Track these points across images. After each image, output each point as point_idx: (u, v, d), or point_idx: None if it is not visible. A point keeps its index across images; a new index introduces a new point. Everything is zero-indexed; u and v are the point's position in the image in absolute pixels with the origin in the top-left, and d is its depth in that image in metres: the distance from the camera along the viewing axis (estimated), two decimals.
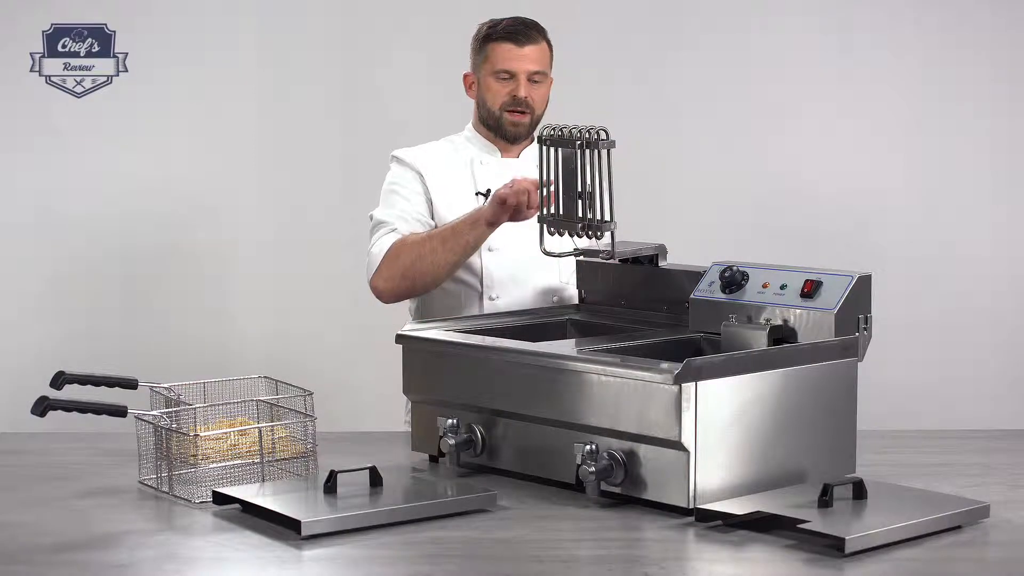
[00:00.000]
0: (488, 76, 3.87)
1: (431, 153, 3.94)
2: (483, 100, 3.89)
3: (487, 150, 3.93)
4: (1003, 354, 5.40)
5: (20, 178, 5.35)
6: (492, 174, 3.88)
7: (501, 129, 3.89)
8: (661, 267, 3.52)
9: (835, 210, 5.37)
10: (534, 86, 3.86)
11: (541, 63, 3.87)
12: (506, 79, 3.85)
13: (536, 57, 3.86)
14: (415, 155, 3.92)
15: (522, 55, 3.84)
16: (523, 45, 3.84)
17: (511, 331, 3.51)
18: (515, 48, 3.84)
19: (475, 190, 3.87)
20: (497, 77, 3.86)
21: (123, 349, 5.30)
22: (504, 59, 3.85)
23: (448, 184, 3.87)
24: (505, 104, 3.85)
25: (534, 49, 3.85)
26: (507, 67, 3.85)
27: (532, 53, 3.85)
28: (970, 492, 3.01)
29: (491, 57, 3.86)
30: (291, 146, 5.40)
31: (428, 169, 3.88)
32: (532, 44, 3.85)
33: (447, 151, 3.94)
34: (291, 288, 5.40)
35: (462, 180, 3.89)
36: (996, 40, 5.38)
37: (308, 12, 5.39)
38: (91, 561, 2.68)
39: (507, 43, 3.85)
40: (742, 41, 5.38)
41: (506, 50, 3.85)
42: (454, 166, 3.91)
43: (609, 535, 2.82)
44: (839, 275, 3.19)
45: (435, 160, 3.91)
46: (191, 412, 3.14)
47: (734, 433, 2.93)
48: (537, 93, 3.87)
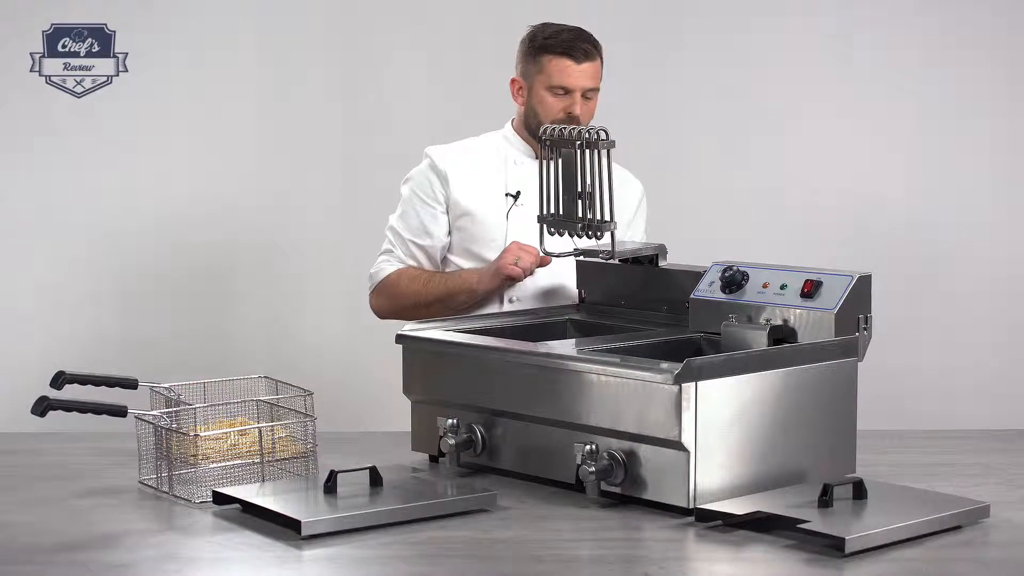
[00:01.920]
0: (542, 89, 3.80)
1: (465, 152, 3.91)
2: (534, 111, 3.83)
3: (524, 151, 3.90)
4: (1003, 354, 5.40)
5: (20, 178, 5.35)
6: (526, 175, 3.85)
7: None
8: (661, 267, 3.52)
9: (835, 210, 5.37)
10: (586, 102, 3.81)
11: (596, 79, 3.81)
12: (561, 95, 3.79)
13: (592, 73, 3.80)
14: (445, 154, 3.90)
15: (580, 72, 3.78)
16: (581, 62, 3.78)
17: (511, 331, 3.51)
18: (573, 64, 3.77)
19: (505, 191, 3.86)
20: (553, 92, 3.79)
21: (123, 349, 5.30)
22: (562, 75, 3.78)
23: (478, 183, 3.86)
24: (558, 120, 3.77)
25: (591, 66, 3.79)
26: (564, 83, 3.78)
27: (589, 69, 3.79)
28: (970, 492, 3.01)
29: (547, 69, 3.79)
30: (291, 146, 5.40)
31: (456, 169, 3.87)
32: (589, 61, 3.79)
33: (483, 150, 3.91)
34: (291, 288, 5.40)
35: (494, 179, 3.87)
36: (996, 40, 5.38)
37: (308, 12, 5.39)
38: (91, 561, 2.68)
39: (566, 59, 3.77)
40: (742, 41, 5.38)
41: (565, 66, 3.78)
42: (487, 165, 3.89)
43: (609, 535, 2.82)
44: (839, 275, 3.19)
45: (467, 159, 3.89)
46: (191, 412, 3.14)
47: (734, 433, 2.93)
48: (588, 108, 3.81)
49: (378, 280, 3.90)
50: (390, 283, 3.88)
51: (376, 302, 3.93)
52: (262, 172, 5.40)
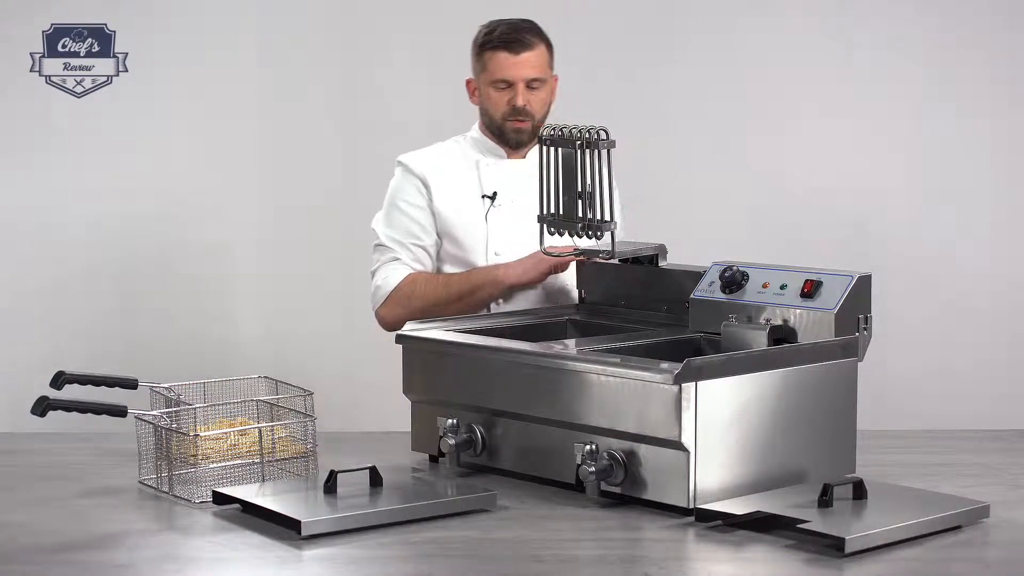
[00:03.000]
0: (487, 86, 3.84)
1: (438, 156, 3.92)
2: (485, 109, 3.87)
3: (494, 152, 3.91)
4: (1003, 354, 5.40)
5: (20, 178, 5.35)
6: (498, 176, 3.88)
7: (504, 136, 3.87)
8: (661, 267, 3.52)
9: (835, 210, 5.37)
10: (533, 92, 3.82)
11: (539, 68, 3.82)
12: (504, 88, 3.82)
13: (534, 63, 3.81)
14: (420, 160, 3.90)
15: (518, 63, 3.80)
16: (519, 52, 3.80)
17: (511, 331, 3.51)
18: (511, 57, 3.80)
19: (481, 193, 3.87)
20: (496, 87, 3.83)
21: (123, 349, 5.30)
22: (500, 68, 3.81)
23: (455, 187, 3.87)
24: (505, 113, 3.83)
25: (531, 55, 3.81)
26: (504, 76, 3.81)
27: (529, 59, 3.81)
28: (970, 492, 3.01)
29: (488, 66, 3.83)
30: (291, 146, 5.40)
31: (433, 174, 3.88)
32: (528, 50, 3.81)
33: (454, 153, 3.93)
34: (291, 288, 5.40)
35: (469, 182, 3.88)
36: (996, 40, 5.38)
37: (308, 12, 5.39)
38: (91, 561, 2.68)
39: (503, 52, 3.80)
40: (742, 41, 5.38)
41: (502, 59, 3.81)
42: (461, 168, 3.90)
43: (609, 535, 2.82)
44: (839, 275, 3.19)
45: (441, 164, 3.90)
46: (191, 412, 3.14)
47: (734, 433, 2.93)
48: (536, 98, 3.83)
49: (389, 290, 3.82)
50: (404, 290, 3.80)
51: (388, 312, 3.82)
52: (262, 172, 5.40)
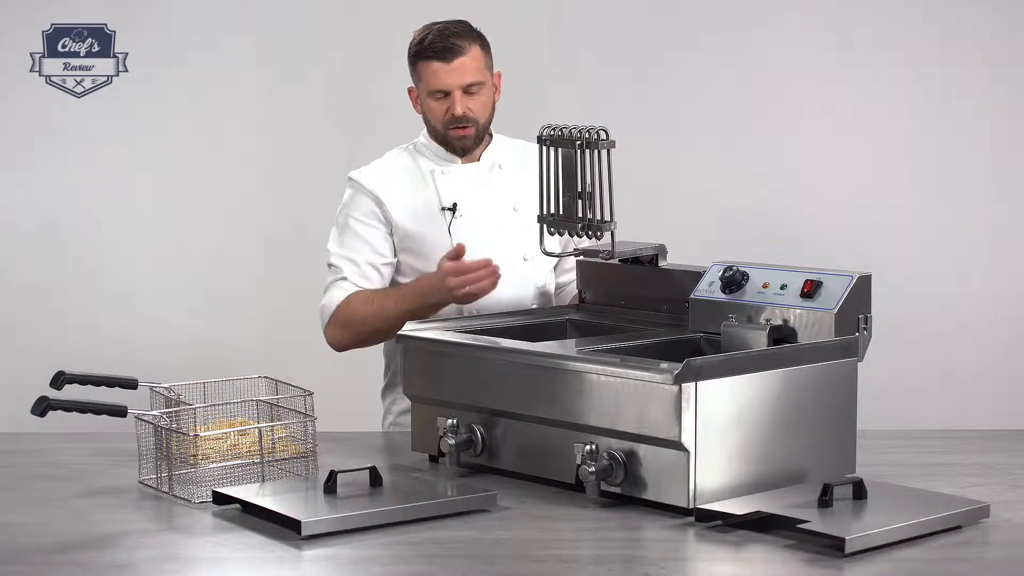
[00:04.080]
0: (425, 96, 3.76)
1: (390, 170, 3.82)
2: (427, 119, 3.80)
3: (446, 159, 3.82)
4: (1003, 354, 5.40)
5: (20, 178, 5.35)
6: (455, 184, 3.79)
7: (449, 145, 3.79)
8: (661, 267, 3.52)
9: (835, 210, 5.37)
10: (472, 97, 3.73)
11: (475, 72, 3.72)
12: (442, 98, 3.73)
13: (469, 67, 3.71)
14: (372, 177, 3.80)
15: (451, 71, 3.70)
16: (451, 60, 3.70)
17: (511, 331, 3.51)
18: (444, 66, 3.70)
19: (440, 205, 3.78)
20: (433, 97, 3.74)
21: (123, 349, 5.30)
22: (435, 79, 3.71)
23: (411, 201, 3.78)
24: (447, 122, 3.74)
25: (464, 60, 3.70)
26: (439, 87, 3.71)
27: (463, 65, 3.70)
28: (970, 492, 3.01)
29: (423, 77, 3.74)
30: (291, 146, 5.40)
31: (387, 191, 3.78)
32: (461, 56, 3.70)
33: (406, 165, 3.83)
34: (291, 288, 5.40)
35: (426, 195, 3.79)
36: (996, 40, 5.38)
37: (308, 12, 5.39)
38: (91, 561, 2.68)
39: (435, 61, 3.70)
40: (742, 41, 5.38)
41: (435, 69, 3.71)
42: (415, 180, 3.81)
43: (609, 535, 2.82)
44: (839, 275, 3.19)
45: (395, 178, 3.80)
46: (191, 412, 3.14)
47: (734, 433, 2.93)
48: (477, 102, 3.73)
49: (331, 311, 3.75)
50: (342, 311, 3.73)
51: (333, 334, 3.77)
52: (262, 172, 5.41)
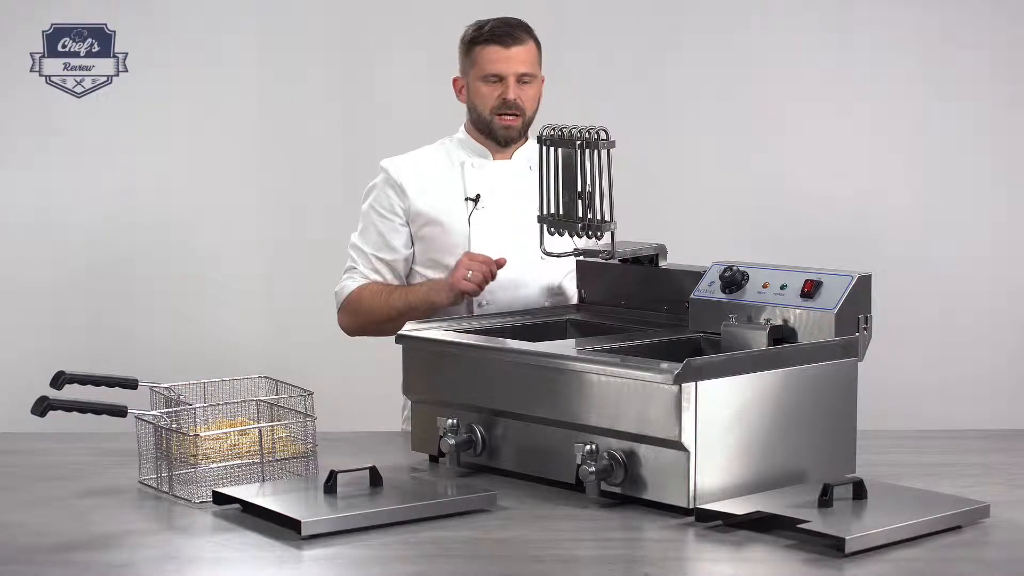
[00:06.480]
0: (476, 80, 3.82)
1: (420, 160, 3.90)
2: (473, 105, 3.85)
3: (479, 153, 3.88)
4: (1003, 354, 5.40)
5: (20, 178, 5.35)
6: (483, 177, 3.86)
7: (493, 133, 3.85)
8: (661, 267, 3.52)
9: (835, 210, 5.37)
10: (523, 87, 3.80)
11: (529, 64, 3.81)
12: (495, 82, 3.80)
13: (524, 58, 3.80)
14: (401, 165, 3.89)
15: (509, 57, 3.79)
16: (510, 47, 3.79)
17: (511, 331, 3.51)
18: (502, 50, 3.78)
19: (464, 195, 3.84)
20: (486, 81, 3.80)
21: (123, 349, 5.30)
22: (491, 62, 3.79)
23: (436, 190, 3.84)
24: (495, 108, 3.80)
25: (521, 50, 3.80)
26: (495, 70, 3.79)
27: (520, 54, 3.79)
28: (970, 492, 3.01)
29: (479, 61, 3.81)
30: (291, 146, 5.40)
31: (413, 179, 3.85)
32: (519, 45, 3.79)
33: (438, 156, 3.91)
34: (291, 288, 5.40)
35: (452, 185, 3.85)
36: (996, 40, 5.38)
37: (308, 12, 5.39)
38: (91, 561, 2.68)
39: (494, 45, 3.79)
40: (742, 41, 5.39)
41: (493, 52, 3.79)
42: (444, 171, 3.87)
43: (609, 535, 2.82)
44: (839, 275, 3.19)
45: (423, 168, 3.88)
46: (191, 412, 3.14)
47: (734, 433, 2.93)
48: (527, 94, 3.82)
49: (343, 298, 3.86)
50: (353, 300, 3.84)
51: (343, 320, 3.89)
52: (262, 172, 5.41)
